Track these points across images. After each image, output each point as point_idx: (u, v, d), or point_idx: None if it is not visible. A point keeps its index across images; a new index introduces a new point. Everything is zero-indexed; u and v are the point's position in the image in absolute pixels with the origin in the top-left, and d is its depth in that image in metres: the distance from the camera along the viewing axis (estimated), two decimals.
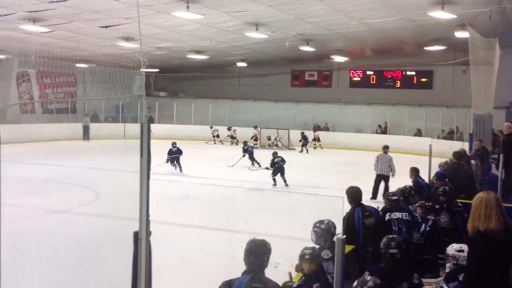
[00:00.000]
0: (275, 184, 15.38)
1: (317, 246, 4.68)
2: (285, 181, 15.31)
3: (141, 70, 24.00)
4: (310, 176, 17.60)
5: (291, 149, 27.20)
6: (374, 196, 13.15)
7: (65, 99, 32.51)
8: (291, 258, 4.45)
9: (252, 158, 19.78)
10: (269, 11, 17.05)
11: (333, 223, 4.90)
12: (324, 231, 4.78)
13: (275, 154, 16.09)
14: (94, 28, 20.03)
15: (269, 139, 27.97)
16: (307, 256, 4.20)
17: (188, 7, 15.70)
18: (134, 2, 15.34)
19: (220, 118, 31.46)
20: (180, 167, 17.80)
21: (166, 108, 32.08)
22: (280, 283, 4.25)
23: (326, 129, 30.97)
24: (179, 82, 35.74)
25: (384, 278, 4.15)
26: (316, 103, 31.55)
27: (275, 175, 15.37)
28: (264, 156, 21.03)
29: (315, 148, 27.55)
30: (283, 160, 15.44)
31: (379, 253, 4.53)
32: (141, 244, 2.82)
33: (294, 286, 4.18)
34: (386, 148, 14.34)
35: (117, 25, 19.21)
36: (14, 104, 28.82)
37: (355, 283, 4.15)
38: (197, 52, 27.08)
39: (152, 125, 3.42)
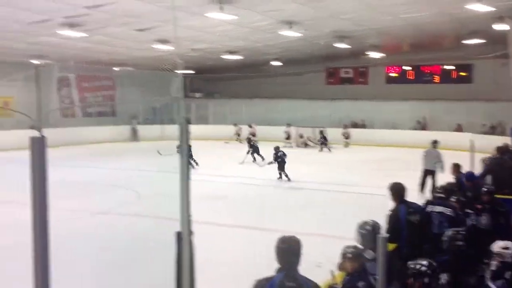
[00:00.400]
0: (280, 178, 15.84)
1: (362, 246, 4.61)
2: (287, 175, 15.81)
3: (178, 71, 24.25)
4: (345, 174, 17.44)
5: (330, 147, 27.04)
6: (422, 190, 13.05)
7: (109, 102, 33.22)
8: (333, 257, 4.40)
9: (255, 153, 20.44)
10: (302, 9, 16.97)
11: (378, 224, 4.79)
12: (368, 232, 4.69)
13: (277, 148, 16.54)
14: (129, 31, 20.33)
15: (301, 137, 27.90)
16: (349, 255, 4.15)
17: (221, 8, 15.77)
18: (169, 5, 15.53)
19: (256, 118, 31.48)
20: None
21: (202, 109, 32.35)
22: (323, 282, 4.21)
23: (363, 126, 30.66)
24: (214, 83, 35.97)
25: (451, 272, 4.05)
26: (352, 100, 31.25)
27: (281, 170, 15.83)
28: (296, 154, 21.00)
29: (346, 146, 27.28)
30: (284, 155, 15.97)
31: (432, 248, 4.44)
32: (183, 244, 2.83)
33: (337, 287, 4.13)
34: (434, 143, 14.22)
35: (152, 28, 19.46)
36: (65, 107, 29.67)
37: (426, 280, 3.93)
38: (231, 52, 27.17)
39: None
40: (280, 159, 15.85)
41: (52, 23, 17.98)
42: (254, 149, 20.73)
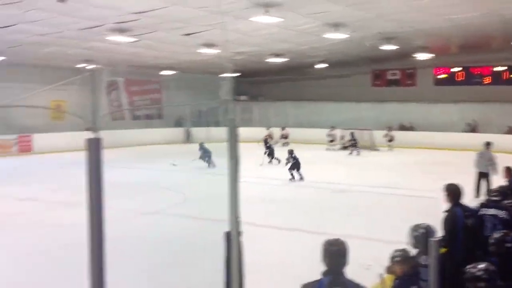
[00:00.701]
0: (292, 178, 16.58)
1: (415, 250, 4.52)
2: (300, 175, 16.63)
3: (226, 75, 24.62)
4: (394, 177, 17.17)
5: (375, 149, 26.71)
6: (477, 194, 12.71)
7: (160, 105, 34.02)
8: (382, 259, 4.35)
9: (271, 155, 21.11)
10: (348, 11, 16.85)
11: (431, 227, 4.68)
12: (422, 235, 4.59)
13: (291, 151, 17.28)
14: (176, 36, 20.69)
15: (342, 139, 27.71)
16: (397, 258, 4.10)
17: (266, 11, 15.83)
18: (214, 10, 15.71)
19: (300, 120, 31.42)
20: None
21: (246, 111, 32.52)
22: (371, 285, 4.17)
23: (410, 128, 30.12)
24: (258, 86, 36.11)
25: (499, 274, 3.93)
26: (399, 103, 30.76)
27: (293, 170, 16.65)
28: (340, 156, 20.83)
29: (390, 149, 26.83)
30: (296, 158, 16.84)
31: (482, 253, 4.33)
32: (232, 243, 2.87)
33: None
34: (488, 145, 13.87)
35: (199, 32, 19.72)
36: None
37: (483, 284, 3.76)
38: (276, 55, 27.22)
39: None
40: (294, 160, 16.75)
41: (102, 29, 18.50)
42: (270, 151, 21.36)
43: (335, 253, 3.44)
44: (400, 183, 15.72)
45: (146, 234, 9.84)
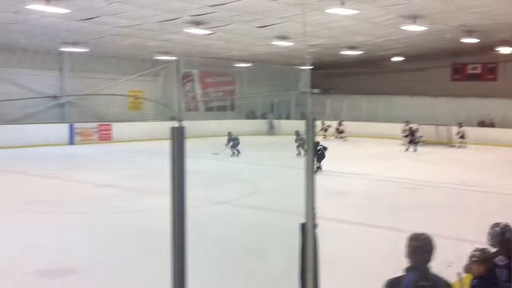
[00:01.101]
0: (318, 170, 16.38)
1: (493, 249, 4.37)
2: (320, 166, 16.74)
3: (304, 67, 24.52)
4: (476, 175, 16.49)
5: (452, 146, 25.81)
6: None
7: (230, 96, 34.41)
8: (464, 259, 4.23)
9: (300, 147, 20.66)
10: (427, 2, 16.34)
11: (510, 226, 4.50)
12: (498, 234, 4.43)
13: (317, 143, 16.84)
14: (251, 28, 20.86)
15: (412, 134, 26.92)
16: (475, 258, 3.99)
17: (342, 3, 15.64)
18: (289, 2, 15.71)
19: (375, 115, 30.84)
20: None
21: (319, 104, 32.25)
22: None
23: (491, 125, 28.80)
24: (331, 79, 35.70)
25: None
26: (479, 98, 29.49)
27: (318, 161, 16.65)
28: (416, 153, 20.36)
29: (460, 146, 25.65)
30: (325, 148, 16.96)
31: None
32: (307, 236, 2.89)
33: None
34: None
35: (273, 24, 19.79)
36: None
37: None
38: (351, 48, 26.83)
39: None
40: (320, 151, 16.87)
41: (180, 21, 18.97)
42: (301, 143, 21.21)
43: (421, 248, 3.38)
44: (481, 181, 15.10)
45: (218, 223, 10.03)
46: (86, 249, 8.27)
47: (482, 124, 28.76)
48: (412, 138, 24.52)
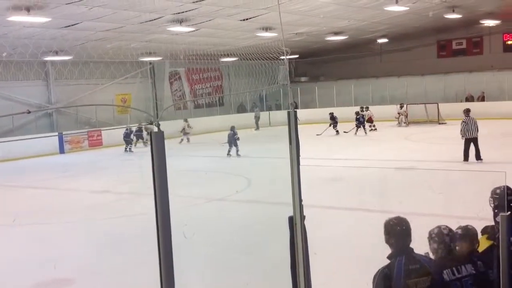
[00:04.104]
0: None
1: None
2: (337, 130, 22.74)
3: (284, 59, 24.32)
4: (460, 151, 16.49)
5: (442, 123, 25.87)
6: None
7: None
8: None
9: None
10: None
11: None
12: (499, 196, 4.22)
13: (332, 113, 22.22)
14: (234, 22, 20.79)
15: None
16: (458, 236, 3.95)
17: None
18: None
19: (363, 98, 30.82)
20: None
21: (308, 93, 32.18)
22: None
23: (482, 99, 28.85)
24: (319, 66, 35.69)
25: None
26: (466, 73, 29.56)
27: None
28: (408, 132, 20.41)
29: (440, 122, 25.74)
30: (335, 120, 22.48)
31: None
32: (296, 228, 2.89)
33: None
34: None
35: (256, 16, 19.73)
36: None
37: None
38: (336, 33, 26.81)
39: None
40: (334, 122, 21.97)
41: (162, 20, 18.87)
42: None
43: (405, 231, 3.36)
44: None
45: (212, 219, 10.04)
46: (82, 258, 8.25)
47: (469, 99, 28.66)
48: (358, 123, 23.59)
